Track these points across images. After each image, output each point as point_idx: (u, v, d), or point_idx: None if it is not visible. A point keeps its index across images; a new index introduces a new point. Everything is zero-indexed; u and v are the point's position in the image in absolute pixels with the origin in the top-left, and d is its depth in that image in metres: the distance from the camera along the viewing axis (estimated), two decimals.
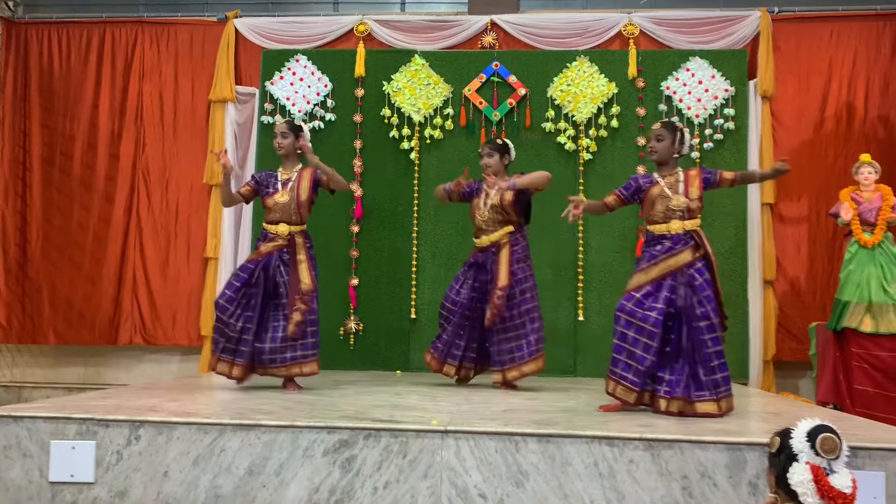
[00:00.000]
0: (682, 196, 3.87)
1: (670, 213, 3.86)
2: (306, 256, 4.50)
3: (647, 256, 3.88)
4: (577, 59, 6.44)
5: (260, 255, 4.51)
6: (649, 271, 3.82)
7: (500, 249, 4.85)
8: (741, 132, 6.34)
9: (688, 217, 3.86)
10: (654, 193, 3.93)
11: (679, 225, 3.84)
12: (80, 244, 6.79)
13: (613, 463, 2.90)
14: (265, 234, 4.59)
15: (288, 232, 4.51)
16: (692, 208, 3.86)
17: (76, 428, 3.07)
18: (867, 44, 6.53)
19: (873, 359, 5.29)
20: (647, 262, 3.85)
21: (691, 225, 3.85)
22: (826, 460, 2.09)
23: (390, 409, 3.60)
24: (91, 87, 6.91)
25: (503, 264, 4.78)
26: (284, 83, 6.58)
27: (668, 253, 3.80)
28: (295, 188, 4.56)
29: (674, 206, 3.86)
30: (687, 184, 3.91)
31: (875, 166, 5.64)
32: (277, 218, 4.54)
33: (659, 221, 3.88)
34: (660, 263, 3.80)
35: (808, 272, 6.40)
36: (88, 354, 6.89)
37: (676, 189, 3.89)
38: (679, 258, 3.79)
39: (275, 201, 4.55)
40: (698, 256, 3.81)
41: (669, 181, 3.93)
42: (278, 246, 4.51)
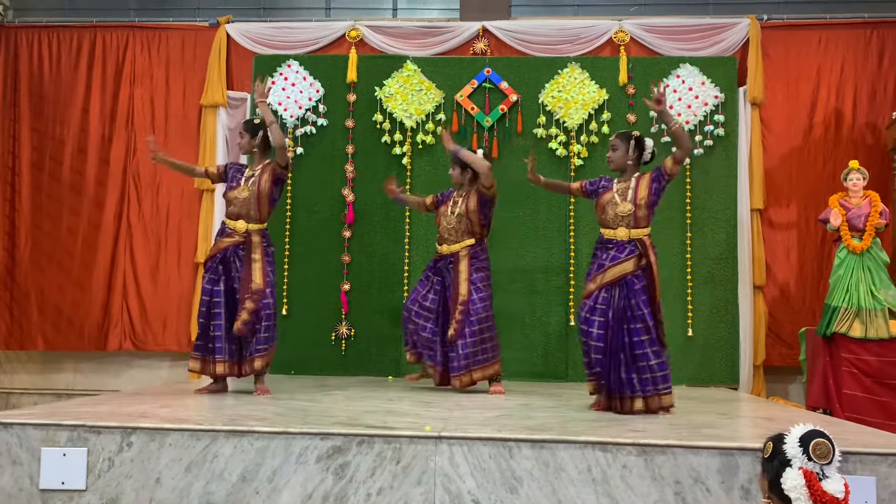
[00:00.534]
0: (629, 203, 4.03)
1: (618, 220, 4.04)
2: (261, 255, 4.49)
3: (595, 265, 4.06)
4: (568, 65, 6.47)
5: (218, 250, 4.55)
6: (596, 279, 4.01)
7: (458, 262, 4.95)
8: (731, 138, 6.38)
9: (633, 225, 4.01)
10: (605, 199, 4.11)
11: (625, 232, 4.01)
12: (69, 249, 6.76)
13: (607, 468, 2.91)
14: (223, 228, 4.62)
15: (245, 229, 4.51)
16: (638, 216, 4.02)
17: (67, 435, 3.05)
18: (855, 51, 6.59)
19: (862, 364, 5.33)
20: (595, 271, 4.03)
21: (636, 233, 4.01)
22: (819, 465, 2.10)
23: (383, 414, 3.60)
24: (81, 92, 6.88)
25: (463, 278, 4.88)
26: (276, 88, 6.57)
27: (613, 262, 3.98)
28: (256, 183, 4.57)
29: (620, 212, 4.04)
30: (636, 190, 4.04)
31: (863, 173, 5.68)
32: (236, 213, 4.55)
33: (608, 226, 4.08)
34: (606, 272, 3.98)
35: (798, 277, 6.44)
36: (77, 360, 6.85)
37: (626, 196, 4.05)
38: (623, 267, 3.97)
39: (234, 195, 4.57)
40: (641, 265, 3.97)
41: (621, 188, 4.09)
42: (234, 242, 4.52)
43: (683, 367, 6.09)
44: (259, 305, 4.39)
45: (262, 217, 4.58)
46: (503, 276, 6.32)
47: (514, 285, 6.31)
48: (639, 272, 3.96)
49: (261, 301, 4.40)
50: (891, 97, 6.49)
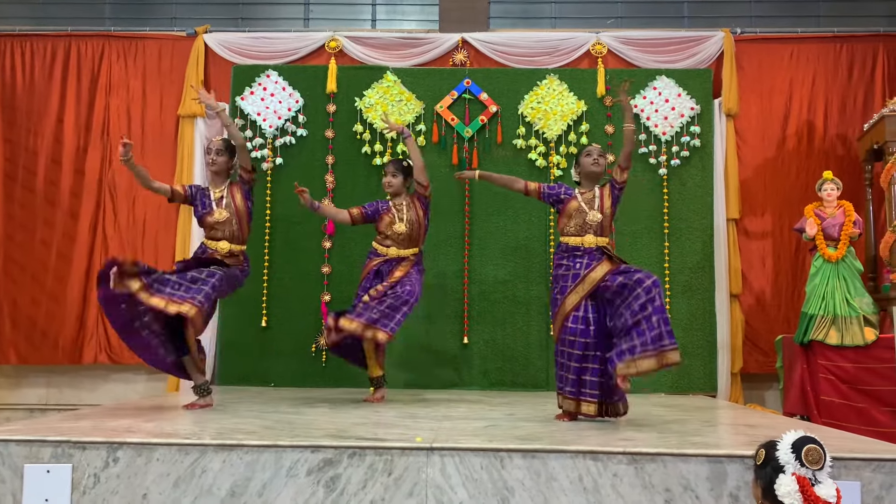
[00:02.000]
0: (597, 212, 4.09)
1: (586, 228, 4.09)
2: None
3: (570, 276, 4.05)
4: (546, 77, 6.54)
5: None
6: (578, 290, 4.02)
7: (401, 262, 4.98)
8: (707, 149, 6.49)
9: (600, 233, 4.08)
10: (571, 207, 4.14)
11: (592, 239, 4.07)
12: (43, 261, 6.64)
13: (598, 477, 2.93)
14: (204, 248, 4.52)
15: (228, 250, 4.48)
16: (604, 225, 4.10)
17: (51, 451, 2.99)
18: (825, 65, 6.75)
19: (839, 370, 5.43)
20: (572, 282, 4.04)
21: (602, 241, 4.08)
22: (811, 471, 2.15)
23: (372, 426, 3.59)
24: (56, 102, 6.78)
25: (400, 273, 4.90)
26: (255, 98, 6.55)
27: (588, 269, 4.02)
28: (231, 204, 4.52)
29: (589, 220, 4.08)
30: (602, 200, 4.13)
31: (837, 183, 5.81)
32: (220, 236, 4.49)
33: (573, 234, 4.11)
34: (585, 279, 4.01)
35: (773, 286, 6.56)
36: (51, 374, 6.71)
37: (592, 205, 4.11)
38: (598, 272, 4.00)
39: (214, 220, 4.48)
40: (613, 268, 4.01)
41: (587, 197, 4.14)
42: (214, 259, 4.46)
43: (663, 376, 6.14)
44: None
45: (243, 237, 4.57)
46: (484, 285, 6.36)
47: (494, 295, 6.34)
48: (614, 273, 3.99)
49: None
50: (860, 109, 6.65)
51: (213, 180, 4.63)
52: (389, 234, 5.04)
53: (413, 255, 5.05)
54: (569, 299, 4.02)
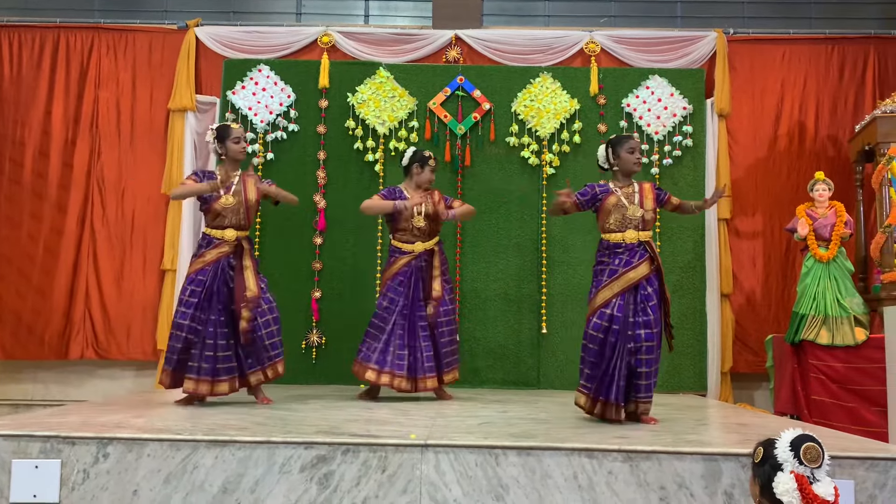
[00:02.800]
0: (638, 206, 3.97)
1: (626, 223, 3.95)
2: (252, 263, 4.46)
3: (606, 271, 3.93)
4: (540, 75, 6.53)
5: (207, 263, 4.40)
6: (613, 286, 3.87)
7: (433, 257, 5.01)
8: (699, 149, 6.50)
9: (642, 227, 3.96)
10: (610, 203, 4.00)
11: (634, 235, 3.93)
12: (29, 255, 6.55)
13: (593, 475, 2.92)
14: (209, 239, 4.46)
15: (235, 237, 4.44)
16: (647, 219, 3.98)
17: (40, 446, 2.95)
18: (817, 66, 6.78)
19: (829, 370, 5.46)
20: (608, 277, 3.90)
21: (645, 236, 3.96)
22: (810, 469, 2.14)
23: (364, 423, 3.56)
24: (44, 94, 6.70)
25: (436, 274, 4.96)
26: (246, 93, 6.50)
27: (628, 267, 3.88)
28: (241, 192, 4.50)
29: (630, 215, 3.95)
30: (642, 195, 4.02)
31: (829, 183, 5.84)
32: (226, 223, 4.45)
33: (614, 230, 3.96)
34: (621, 278, 3.86)
35: (764, 286, 6.58)
36: (37, 369, 6.63)
37: (633, 200, 3.99)
38: (638, 271, 3.87)
39: (222, 205, 4.44)
40: (654, 268, 3.91)
41: (626, 192, 4.02)
42: (224, 253, 4.42)
43: None
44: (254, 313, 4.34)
45: (249, 223, 4.55)
46: (476, 283, 6.34)
47: (486, 293, 6.33)
48: (652, 276, 3.90)
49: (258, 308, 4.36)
50: (851, 111, 6.68)
51: (226, 167, 4.58)
52: (410, 230, 5.02)
53: (437, 243, 5.09)
54: (600, 294, 3.90)
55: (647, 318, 3.83)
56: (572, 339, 6.29)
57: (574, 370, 6.21)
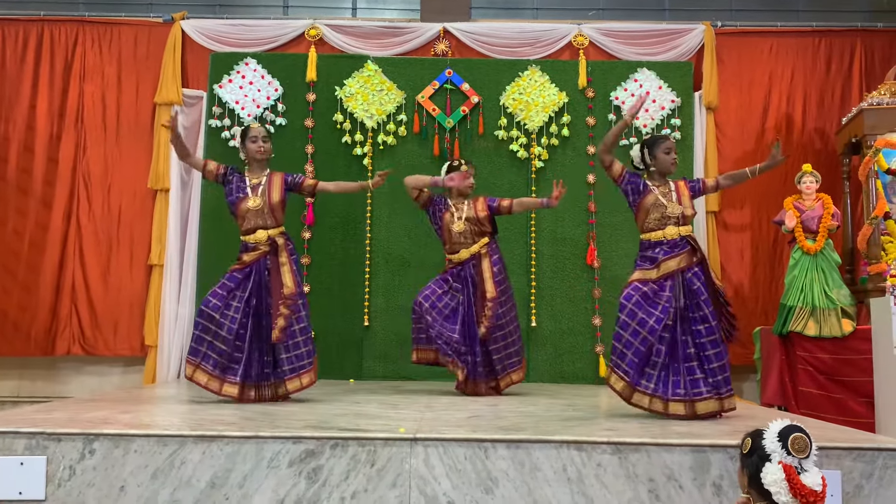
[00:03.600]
0: (676, 204, 3.93)
1: (665, 220, 3.91)
2: (288, 259, 4.35)
3: (646, 260, 3.90)
4: (528, 68, 6.52)
5: (245, 264, 4.33)
6: (649, 272, 3.85)
7: (480, 261, 4.96)
8: (687, 142, 6.51)
9: (682, 223, 3.92)
10: (648, 201, 3.95)
11: (674, 231, 3.89)
12: (15, 251, 6.49)
13: (582, 467, 2.92)
14: (245, 245, 4.39)
15: (267, 237, 4.35)
16: (686, 215, 3.94)
17: (25, 443, 2.91)
18: (804, 58, 6.80)
19: (817, 361, 5.49)
20: (648, 264, 3.88)
21: (685, 231, 3.92)
22: (797, 459, 2.15)
23: (353, 417, 3.55)
24: (28, 88, 6.63)
25: (488, 276, 4.90)
26: (233, 86, 6.46)
27: (667, 255, 3.85)
28: (266, 192, 4.40)
29: (669, 213, 3.91)
30: (679, 193, 3.98)
31: (816, 176, 5.86)
32: (253, 226, 4.36)
33: (654, 229, 3.93)
34: (660, 265, 3.84)
35: (751, 278, 6.60)
36: (23, 366, 6.58)
37: (670, 198, 3.95)
38: (678, 259, 3.84)
39: (247, 208, 4.35)
40: (696, 261, 3.87)
41: (663, 191, 3.97)
42: (262, 253, 4.33)
43: None
44: (295, 311, 4.26)
45: (278, 221, 4.42)
46: None
47: None
48: (696, 268, 3.84)
49: (297, 307, 4.28)
50: (838, 103, 6.71)
51: (252, 168, 4.49)
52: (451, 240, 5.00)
53: (485, 245, 4.99)
54: (635, 274, 3.86)
55: (703, 313, 3.77)
56: (562, 332, 6.32)
57: (563, 363, 6.29)
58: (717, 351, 3.76)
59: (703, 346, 3.76)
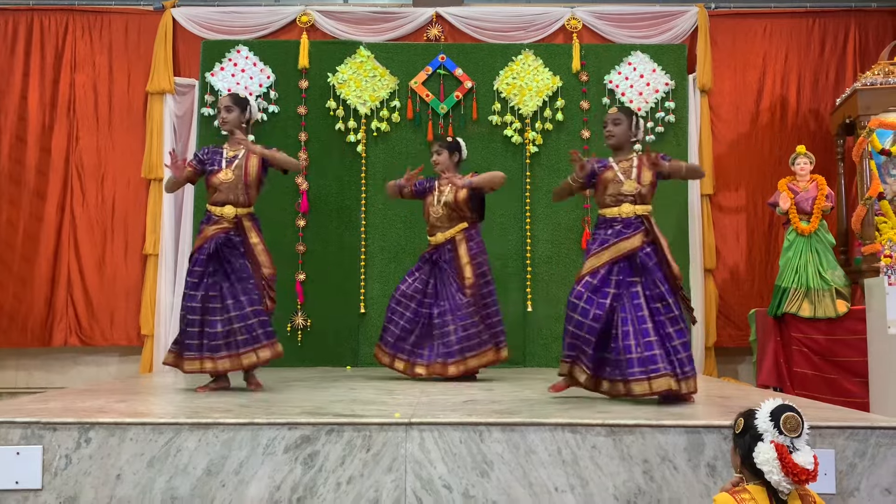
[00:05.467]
0: (633, 181, 3.89)
1: (622, 198, 3.87)
2: (260, 239, 4.29)
3: (598, 240, 3.88)
4: (522, 52, 6.49)
5: (204, 240, 4.23)
6: (601, 255, 3.83)
7: (456, 246, 4.92)
8: (681, 125, 6.50)
9: (639, 202, 3.88)
10: (607, 177, 3.93)
11: (630, 209, 3.86)
12: (9, 242, 6.47)
13: (576, 449, 2.93)
14: (209, 216, 4.30)
15: (234, 214, 4.24)
16: (643, 193, 3.89)
17: (21, 432, 2.92)
18: (798, 40, 6.77)
19: (811, 342, 5.51)
20: (598, 246, 3.86)
21: (642, 210, 3.88)
22: (790, 438, 2.15)
23: (349, 403, 3.56)
24: (19, 78, 6.59)
25: (464, 261, 4.87)
26: (225, 74, 6.42)
27: (619, 237, 3.82)
28: (242, 166, 4.28)
29: (625, 190, 3.87)
30: (640, 169, 3.93)
31: (810, 157, 5.86)
32: (223, 199, 4.25)
33: (610, 205, 3.90)
34: (611, 247, 3.82)
35: (747, 260, 6.61)
36: (20, 357, 6.57)
37: (629, 174, 3.91)
38: (630, 242, 3.80)
39: (220, 180, 4.24)
40: (647, 241, 3.84)
41: (624, 166, 3.93)
42: (223, 228, 4.23)
43: None
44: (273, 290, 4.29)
45: (250, 201, 4.32)
46: None
47: None
48: (648, 249, 3.82)
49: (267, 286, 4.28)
50: (832, 84, 6.69)
51: (229, 139, 4.41)
52: (429, 221, 5.01)
53: (461, 231, 4.96)
54: (588, 262, 3.83)
55: (659, 291, 3.75)
56: (558, 318, 6.23)
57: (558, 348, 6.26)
58: (678, 328, 3.74)
59: (661, 323, 3.72)
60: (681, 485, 2.89)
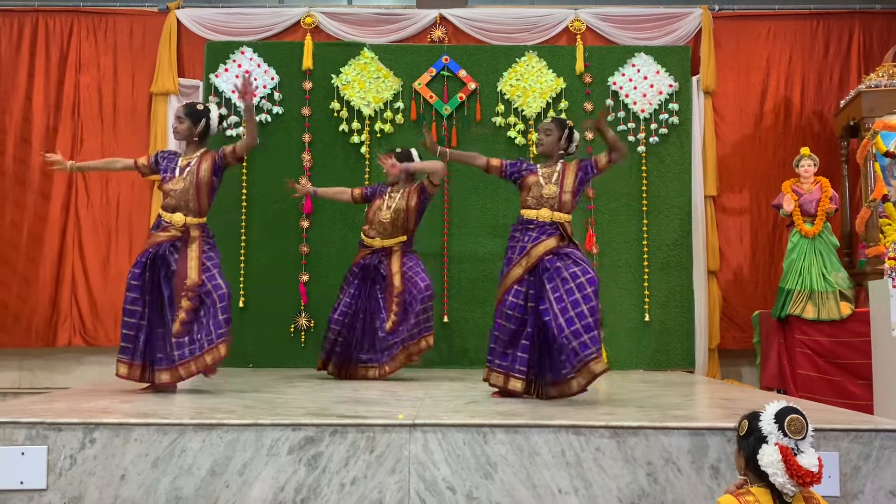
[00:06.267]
0: (554, 186, 4.01)
1: (542, 201, 4.01)
2: (198, 254, 4.11)
3: (517, 248, 3.99)
4: (525, 54, 6.49)
5: (151, 245, 4.15)
6: (522, 263, 3.95)
7: (390, 255, 5.08)
8: (685, 126, 6.49)
9: (558, 208, 4.00)
10: (529, 181, 4.08)
11: (548, 214, 3.99)
12: (14, 243, 6.49)
13: (580, 451, 2.93)
14: (159, 221, 4.22)
15: (183, 223, 4.14)
16: (564, 200, 4.01)
17: (25, 433, 2.92)
18: (802, 41, 6.77)
19: (815, 344, 5.50)
20: (518, 255, 3.97)
21: (559, 217, 4.00)
22: (794, 440, 2.15)
23: (353, 404, 3.56)
24: (24, 80, 6.61)
25: (396, 270, 5.02)
26: (229, 75, 6.43)
27: (535, 242, 3.94)
28: (193, 173, 4.17)
29: (545, 194, 4.01)
30: (563, 175, 4.05)
31: (814, 159, 5.85)
32: (173, 205, 4.16)
33: (531, 207, 4.04)
34: (530, 253, 3.94)
35: (750, 262, 6.61)
36: (23, 357, 6.59)
37: (551, 179, 4.04)
38: (546, 244, 3.93)
39: (170, 187, 4.17)
40: (564, 244, 3.95)
41: (545, 172, 4.09)
42: (171, 236, 4.14)
43: (641, 352, 6.21)
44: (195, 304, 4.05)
45: (201, 209, 4.20)
46: (463, 264, 6.34)
47: (471, 273, 6.33)
48: (565, 246, 3.93)
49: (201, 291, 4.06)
50: (836, 86, 6.69)
51: (185, 148, 4.34)
52: (373, 222, 5.09)
53: (399, 244, 5.09)
54: (512, 272, 3.95)
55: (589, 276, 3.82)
56: None
57: None
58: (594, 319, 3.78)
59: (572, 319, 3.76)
60: (684, 487, 2.89)
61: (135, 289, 4.11)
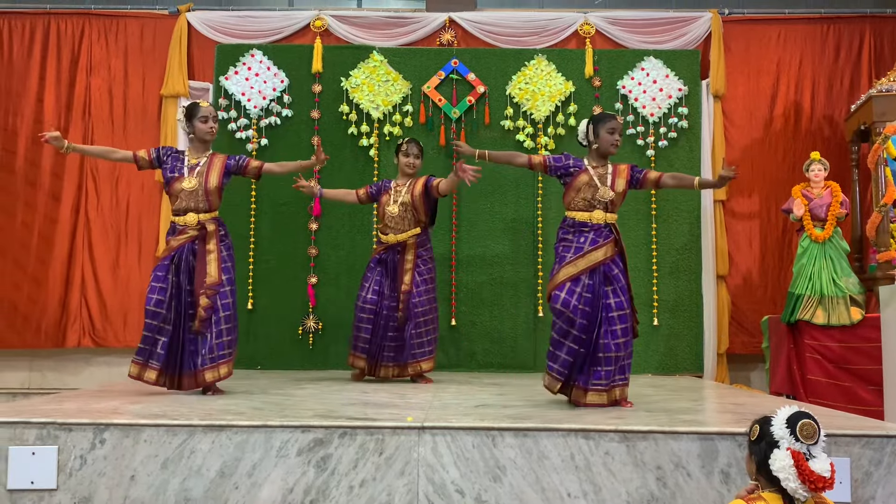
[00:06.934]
0: (608, 188, 3.92)
1: (595, 203, 3.91)
2: (216, 247, 4.16)
3: (572, 248, 3.88)
4: (534, 57, 6.49)
5: (171, 250, 4.17)
6: (577, 263, 3.84)
7: (405, 250, 5.05)
8: (694, 130, 6.48)
9: (610, 210, 3.94)
10: (581, 180, 3.95)
11: (601, 216, 3.90)
12: (24, 244, 6.53)
13: (589, 455, 2.92)
14: (174, 226, 4.24)
15: (197, 221, 4.16)
16: (615, 202, 3.95)
17: (36, 433, 2.94)
18: (812, 45, 6.75)
19: (825, 350, 5.47)
20: (573, 254, 3.86)
21: (612, 218, 3.94)
22: (806, 445, 2.14)
23: (362, 406, 3.56)
24: (35, 82, 6.66)
25: (409, 267, 5.01)
26: (239, 78, 6.45)
27: (594, 246, 3.85)
28: (203, 174, 4.21)
29: (601, 196, 3.91)
30: (615, 177, 3.96)
31: (824, 163, 5.83)
32: (184, 207, 4.18)
33: (581, 209, 3.93)
34: (587, 255, 3.84)
35: (760, 267, 6.58)
36: (33, 358, 6.63)
37: (605, 181, 3.94)
38: (604, 250, 3.85)
39: (181, 188, 4.18)
40: (617, 252, 3.91)
41: (599, 172, 3.96)
42: (189, 237, 4.17)
43: (649, 357, 6.19)
44: (215, 303, 4.07)
45: (212, 206, 4.25)
46: (472, 266, 6.33)
47: (482, 276, 6.32)
48: (616, 258, 3.88)
49: (219, 297, 4.09)
50: (847, 90, 6.67)
51: (195, 147, 4.35)
52: (384, 218, 5.12)
53: (413, 237, 5.06)
54: (564, 270, 3.83)
55: (619, 300, 3.81)
56: None
57: None
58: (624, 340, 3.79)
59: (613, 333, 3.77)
60: (694, 492, 2.88)
61: (158, 291, 4.13)
